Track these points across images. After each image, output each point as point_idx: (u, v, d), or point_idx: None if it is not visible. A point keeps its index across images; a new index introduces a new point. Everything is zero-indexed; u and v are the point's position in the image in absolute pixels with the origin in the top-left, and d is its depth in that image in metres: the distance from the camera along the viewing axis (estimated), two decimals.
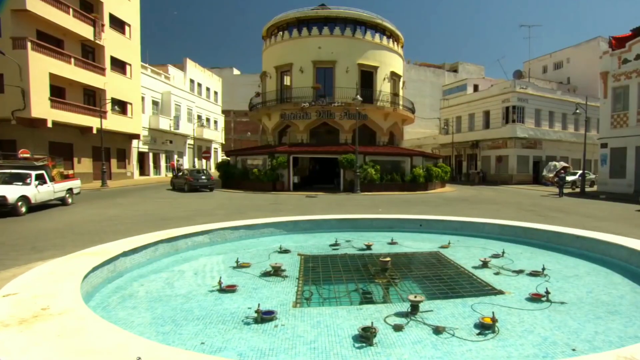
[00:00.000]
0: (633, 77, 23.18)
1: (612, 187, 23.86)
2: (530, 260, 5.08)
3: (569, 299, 3.72)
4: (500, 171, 34.61)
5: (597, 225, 11.02)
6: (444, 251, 5.73)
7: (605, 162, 25.04)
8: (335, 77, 28.04)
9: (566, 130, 36.24)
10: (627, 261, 4.76)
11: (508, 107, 33.45)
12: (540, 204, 17.91)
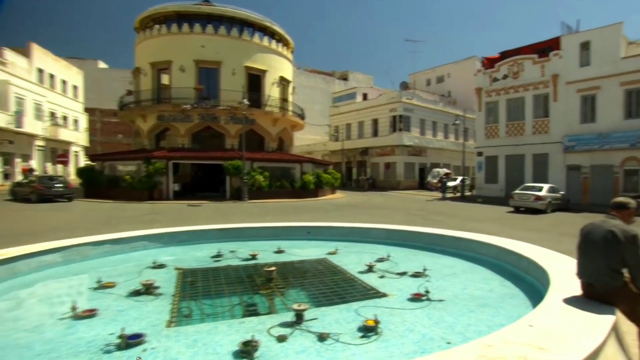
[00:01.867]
0: (502, 94, 27.82)
1: (488, 192, 28.05)
2: (413, 262, 5.52)
3: (447, 296, 4.13)
4: (388, 177, 37.76)
5: (474, 226, 12.68)
6: (331, 258, 5.92)
7: (481, 168, 29.32)
8: (220, 79, 27.33)
9: (448, 139, 41.47)
10: (496, 258, 5.51)
11: (395, 116, 36.80)
12: (425, 208, 19.99)
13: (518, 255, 5.03)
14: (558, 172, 24.61)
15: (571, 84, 24.18)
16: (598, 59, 23.13)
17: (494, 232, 10.54)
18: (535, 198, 18.50)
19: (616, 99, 22.47)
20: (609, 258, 3.00)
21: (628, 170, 22.10)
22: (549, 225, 14.20)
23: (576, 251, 3.33)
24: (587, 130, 23.48)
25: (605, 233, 3.05)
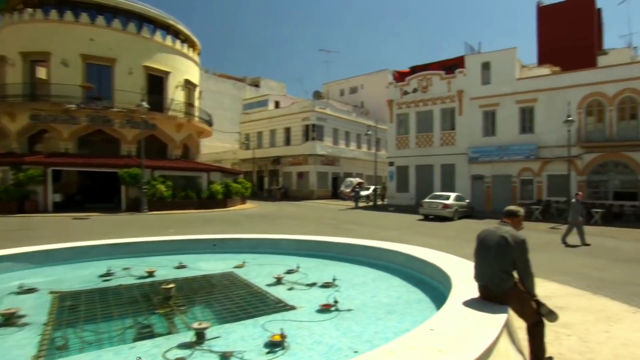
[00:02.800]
0: (412, 106, 30.13)
1: (399, 200, 29.90)
2: (323, 273, 5.64)
3: (356, 305, 4.29)
4: (301, 187, 38.33)
5: (386, 235, 13.41)
6: (238, 271, 5.84)
7: (392, 178, 31.21)
8: (114, 78, 25.47)
9: (361, 149, 43.41)
10: (404, 265, 5.86)
11: (308, 125, 37.62)
12: (338, 218, 20.64)
13: (424, 261, 5.41)
14: (464, 182, 27.26)
15: (475, 100, 27.19)
16: (497, 79, 26.42)
17: (404, 239, 11.25)
18: (443, 206, 20.25)
19: (513, 115, 25.82)
20: (501, 261, 3.37)
21: (524, 179, 25.42)
22: (455, 232, 15.56)
23: (473, 256, 3.72)
24: (489, 142, 26.50)
25: (498, 239, 3.42)
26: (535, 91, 25.04)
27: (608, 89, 22.89)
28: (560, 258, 10.63)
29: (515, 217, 3.71)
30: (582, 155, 23.35)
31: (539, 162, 24.65)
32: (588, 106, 23.59)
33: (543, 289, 6.26)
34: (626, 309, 5.64)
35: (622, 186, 22.57)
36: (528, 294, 3.44)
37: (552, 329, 4.27)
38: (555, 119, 23.25)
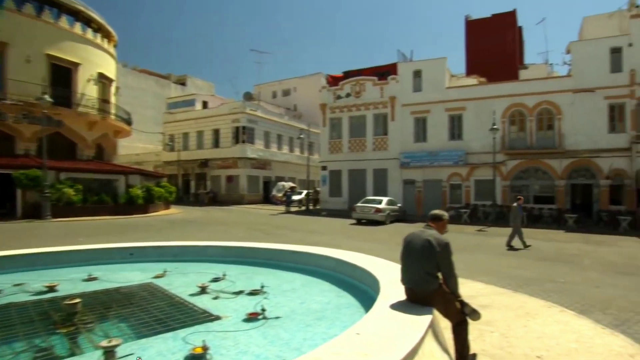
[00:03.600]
0: (345, 111, 30.92)
1: (332, 205, 30.41)
2: (251, 280, 5.59)
3: (284, 312, 4.29)
4: (231, 191, 37.60)
5: (318, 239, 13.55)
6: (158, 281, 5.58)
7: (325, 182, 31.72)
8: (6, 66, 22.92)
9: (293, 152, 43.58)
10: (334, 270, 5.97)
11: (238, 127, 37.05)
12: (269, 223, 20.52)
13: (354, 265, 5.55)
14: (396, 186, 28.43)
15: (406, 107, 28.56)
16: (428, 86, 28.05)
17: (336, 244, 11.42)
18: (376, 210, 20.93)
19: (442, 122, 27.56)
20: (426, 264, 3.56)
21: (453, 184, 27.16)
22: (387, 236, 16.13)
23: (400, 259, 3.85)
24: (420, 148, 27.92)
25: (423, 242, 3.61)
26: (464, 100, 26.99)
27: (528, 101, 25.35)
28: (486, 259, 11.45)
29: (440, 220, 3.93)
30: (506, 161, 25.53)
31: (467, 168, 26.48)
32: (511, 116, 25.88)
33: (469, 289, 6.74)
34: (543, 304, 6.25)
35: (541, 191, 25.01)
36: (452, 294, 3.65)
37: (477, 326, 4.56)
38: (482, 127, 25.23)
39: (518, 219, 13.54)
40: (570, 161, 24.20)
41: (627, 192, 22.97)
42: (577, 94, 24.16)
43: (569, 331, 4.94)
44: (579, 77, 24.30)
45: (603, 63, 23.78)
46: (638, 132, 22.85)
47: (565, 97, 24.51)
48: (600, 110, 23.74)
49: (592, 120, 23.77)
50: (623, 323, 5.75)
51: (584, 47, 24.94)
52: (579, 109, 24.09)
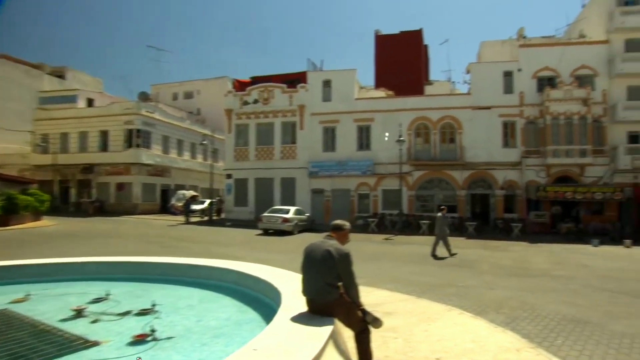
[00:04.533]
0: (252, 118, 30.66)
1: (238, 215, 29.69)
2: (141, 299, 5.19)
3: (178, 331, 4.04)
4: (122, 200, 34.82)
5: (221, 252, 13.09)
6: (17, 307, 4.85)
7: (230, 191, 30.98)
8: None
9: (196, 159, 41.75)
10: (236, 283, 5.78)
11: (132, 130, 34.45)
12: (167, 235, 19.44)
13: (257, 278, 5.45)
14: (304, 195, 28.80)
15: (315, 116, 29.23)
16: (337, 96, 29.09)
17: (240, 256, 11.19)
18: (283, 220, 20.87)
19: (351, 132, 28.72)
20: (326, 274, 3.64)
21: (361, 194, 28.32)
22: (294, 246, 16.05)
23: (300, 270, 3.89)
24: (329, 157, 28.67)
25: (323, 252, 3.68)
26: (372, 111, 28.45)
27: (432, 115, 27.59)
28: (393, 267, 12.01)
29: (341, 230, 4.03)
30: (412, 172, 27.37)
31: (374, 178, 27.77)
32: (417, 128, 27.92)
33: (374, 297, 7.02)
34: (443, 308, 6.72)
35: (445, 200, 26.96)
36: (354, 304, 3.74)
37: (381, 333, 4.69)
38: (390, 138, 26.66)
39: (444, 228, 14.43)
40: (470, 173, 26.80)
41: (518, 202, 26.28)
42: (476, 111, 27.02)
43: (466, 332, 5.41)
44: (477, 96, 27.24)
45: (497, 84, 27.01)
46: (527, 148, 26.33)
47: (465, 113, 27.20)
48: (495, 127, 26.83)
49: (488, 136, 26.70)
50: (513, 321, 6.52)
51: (481, 69, 28.24)
52: (477, 124, 26.86)
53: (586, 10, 30.87)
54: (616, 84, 25.89)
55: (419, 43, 37.08)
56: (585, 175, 25.48)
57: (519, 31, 33.69)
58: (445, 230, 14.44)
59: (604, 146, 25.63)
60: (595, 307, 7.66)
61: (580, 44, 27.42)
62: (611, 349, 5.36)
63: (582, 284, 10.02)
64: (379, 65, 36.53)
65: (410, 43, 36.02)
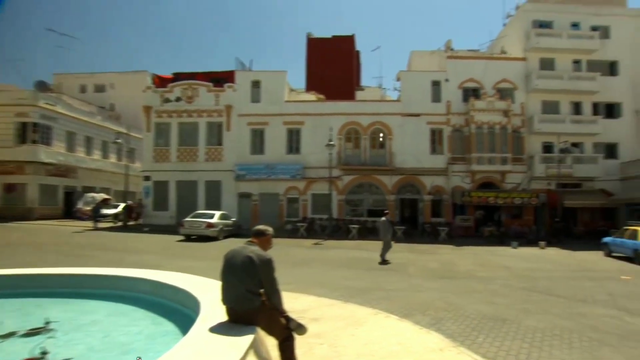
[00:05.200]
0: (174, 116, 29.44)
1: (158, 220, 28.22)
2: (31, 316, 4.65)
3: (78, 351, 3.71)
4: (13, 203, 31.44)
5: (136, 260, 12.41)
6: None
7: (149, 194, 29.46)
8: None
9: (108, 159, 38.92)
10: (152, 294, 5.45)
11: (26, 124, 30.98)
12: (70, 242, 17.99)
13: (175, 288, 5.20)
14: (230, 199, 28.23)
15: (243, 117, 28.85)
16: (267, 98, 28.95)
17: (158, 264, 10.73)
18: (207, 225, 20.20)
19: (280, 135, 28.71)
20: (247, 281, 3.61)
21: (290, 198, 28.36)
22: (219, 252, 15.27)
23: (220, 277, 3.82)
24: (257, 160, 28.41)
25: (244, 259, 3.67)
26: (302, 115, 28.69)
27: (363, 120, 28.47)
28: (321, 272, 12.12)
29: (263, 236, 4.06)
30: (342, 176, 27.89)
31: (304, 182, 27.93)
32: (347, 133, 28.64)
33: (300, 303, 7.09)
34: (370, 312, 6.91)
35: (374, 204, 28.07)
36: (277, 311, 3.74)
37: (306, 340, 4.65)
38: (319, 142, 26.91)
39: (389, 233, 14.79)
40: (399, 178, 27.95)
41: (445, 206, 27.94)
42: (405, 118, 28.39)
43: (393, 334, 5.64)
44: (407, 103, 28.69)
45: (426, 93, 28.70)
46: (453, 155, 28.11)
47: (395, 119, 28.44)
48: (424, 134, 28.38)
49: (417, 142, 28.15)
50: (438, 321, 6.90)
51: (411, 77, 29.94)
52: (406, 131, 28.19)
53: (507, 29, 33.65)
54: (532, 98, 28.75)
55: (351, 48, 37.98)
56: (506, 182, 27.74)
57: (446, 43, 35.68)
58: (388, 235, 14.78)
59: (522, 155, 28.21)
60: (513, 305, 8.35)
61: (502, 59, 30.11)
62: (525, 342, 5.96)
63: (502, 284, 10.82)
64: (311, 68, 36.91)
65: (342, 48, 36.79)
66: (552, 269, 14.25)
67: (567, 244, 22.81)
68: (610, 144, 29.07)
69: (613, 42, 29.67)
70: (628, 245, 16.77)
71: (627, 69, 29.59)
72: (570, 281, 11.72)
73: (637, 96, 29.31)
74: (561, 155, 26.28)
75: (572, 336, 6.35)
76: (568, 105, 29.03)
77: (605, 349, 5.84)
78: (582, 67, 29.41)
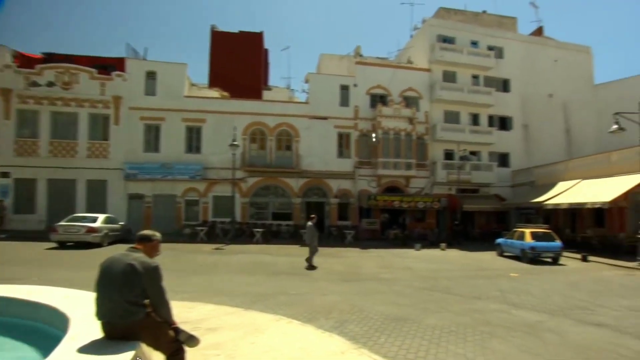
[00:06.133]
0: (45, 103, 26.22)
1: (20, 224, 24.93)
2: None
3: None
4: None
5: None
6: None
7: (7, 194, 25.83)
8: None
9: None
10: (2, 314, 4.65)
11: None
12: None
13: (34, 304, 4.59)
14: (118, 201, 26.31)
15: (135, 110, 27.04)
16: (164, 91, 27.58)
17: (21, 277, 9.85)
18: (88, 230, 18.24)
19: (179, 132, 27.55)
20: (128, 292, 3.37)
21: (189, 200, 27.35)
22: (101, 260, 14.24)
23: (95, 289, 3.54)
24: (151, 159, 26.86)
25: (124, 267, 3.43)
26: (204, 112, 27.87)
27: (269, 121, 28.53)
28: (222, 278, 11.75)
29: (149, 242, 3.81)
30: (246, 178, 27.60)
31: (205, 183, 27.14)
32: (252, 133, 28.45)
33: (197, 313, 6.86)
34: (272, 318, 6.89)
35: (280, 208, 28.38)
36: (164, 323, 3.55)
37: (202, 351, 4.58)
38: (222, 142, 26.26)
39: (315, 237, 14.91)
40: (306, 180, 28.41)
41: (351, 209, 29.06)
42: (313, 120, 29.04)
43: (294, 340, 5.67)
44: (315, 105, 29.34)
45: (334, 96, 29.68)
46: (360, 159, 29.39)
47: (302, 121, 28.90)
48: (331, 137, 29.29)
49: (324, 145, 28.95)
50: (341, 324, 7.02)
51: (320, 80, 30.74)
52: (314, 133, 28.82)
53: (414, 40, 35.98)
54: (435, 108, 31.36)
55: (259, 46, 37.48)
56: (411, 186, 29.62)
57: (356, 49, 37.06)
58: (314, 240, 14.92)
59: (426, 161, 30.46)
60: (415, 305, 8.78)
61: (408, 69, 32.18)
62: (424, 340, 6.37)
63: (405, 285, 11.33)
64: (214, 63, 35.67)
65: (249, 44, 36.12)
66: (451, 269, 15.26)
67: (466, 245, 24.94)
68: (503, 154, 32.74)
69: (506, 61, 33.82)
70: (516, 245, 18.85)
71: (518, 86, 33.87)
72: (467, 280, 12.67)
73: (525, 112, 33.66)
74: (461, 162, 28.57)
75: (467, 331, 6.92)
76: (467, 116, 32.11)
77: (495, 340, 6.47)
78: (480, 82, 32.78)
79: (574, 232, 24.74)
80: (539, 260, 17.73)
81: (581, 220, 24.94)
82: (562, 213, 25.65)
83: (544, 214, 25.88)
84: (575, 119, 34.48)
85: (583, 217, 24.72)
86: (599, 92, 35.04)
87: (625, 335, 6.97)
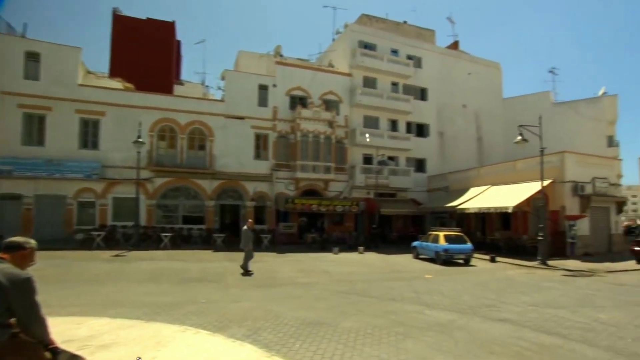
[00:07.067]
0: None
1: None
2: None
3: None
4: None
5: None
6: None
7: None
8: None
9: None
10: None
11: None
12: None
13: None
14: None
15: (12, 96, 24.02)
16: (51, 77, 24.72)
17: None
18: None
19: (71, 125, 24.95)
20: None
21: (84, 201, 24.91)
22: None
23: None
24: (33, 154, 23.95)
25: None
26: (103, 104, 25.61)
27: (181, 118, 27.25)
28: (122, 288, 10.93)
29: (18, 250, 3.34)
30: (153, 178, 26.01)
31: (103, 183, 25.03)
32: (160, 130, 26.86)
33: (87, 329, 6.36)
34: (178, 329, 6.54)
35: (191, 210, 27.23)
36: (39, 344, 3.15)
37: None
38: (125, 138, 24.49)
39: (250, 242, 14.69)
40: (220, 182, 27.60)
41: (268, 213, 28.75)
42: (229, 120, 28.38)
43: (202, 351, 5.43)
44: (231, 104, 28.65)
45: (252, 96, 29.26)
46: (277, 161, 29.19)
47: (217, 120, 28.07)
48: (248, 138, 28.80)
49: (240, 146, 28.39)
50: (255, 332, 6.85)
51: (237, 78, 29.93)
52: (230, 133, 28.14)
53: (336, 44, 36.64)
54: (355, 112, 32.24)
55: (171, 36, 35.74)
56: (329, 190, 29.97)
57: (276, 48, 36.56)
58: (250, 244, 14.73)
59: (344, 164, 31.01)
60: (332, 309, 8.80)
61: (329, 72, 32.69)
62: (340, 344, 6.42)
63: (322, 289, 11.35)
64: (117, 51, 33.34)
65: (159, 34, 34.25)
66: (369, 272, 15.60)
67: (383, 248, 25.75)
68: (420, 159, 34.52)
69: (424, 71, 35.85)
70: (431, 248, 19.87)
71: (435, 96, 36.08)
72: (384, 282, 12.99)
73: (441, 120, 35.88)
74: (379, 167, 29.51)
75: (382, 332, 7.10)
76: (386, 122, 33.35)
77: (409, 340, 6.70)
78: (399, 89, 34.28)
79: (484, 234, 26.68)
80: (452, 262, 18.88)
81: (490, 224, 26.83)
82: (473, 217, 27.32)
83: (457, 218, 27.42)
84: (486, 129, 37.57)
85: (492, 221, 26.61)
86: (507, 104, 38.85)
87: (524, 328, 7.62)
